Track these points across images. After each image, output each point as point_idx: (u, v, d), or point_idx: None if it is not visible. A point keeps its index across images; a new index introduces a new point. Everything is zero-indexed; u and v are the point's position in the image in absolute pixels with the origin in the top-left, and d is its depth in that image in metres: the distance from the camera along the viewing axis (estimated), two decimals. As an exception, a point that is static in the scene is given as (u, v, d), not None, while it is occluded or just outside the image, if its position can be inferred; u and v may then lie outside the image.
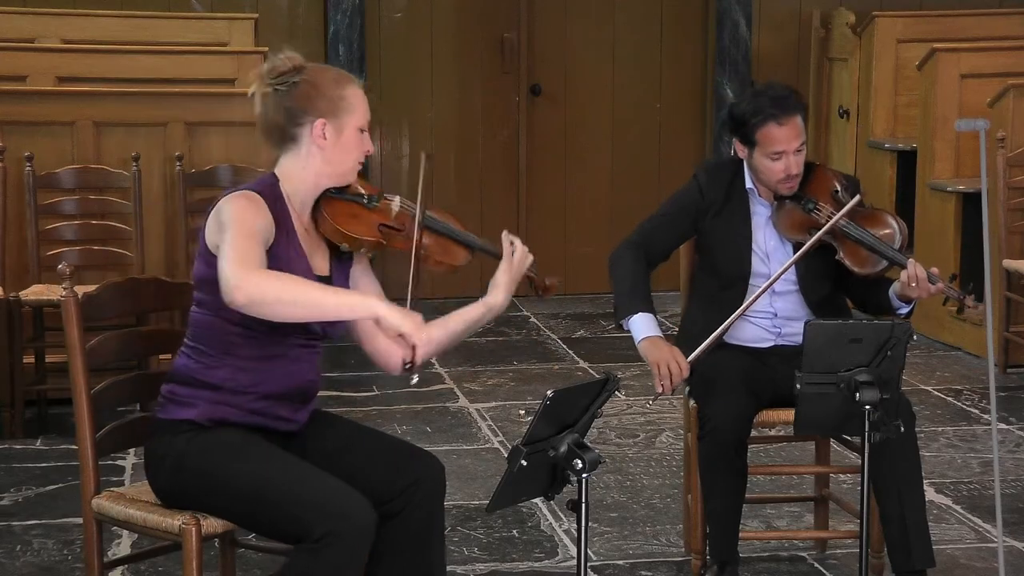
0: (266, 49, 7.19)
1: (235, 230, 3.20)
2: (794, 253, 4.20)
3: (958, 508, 5.01)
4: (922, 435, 5.28)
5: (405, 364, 3.27)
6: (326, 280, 3.38)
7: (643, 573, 4.48)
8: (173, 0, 8.09)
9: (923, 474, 4.11)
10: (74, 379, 3.42)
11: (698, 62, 8.86)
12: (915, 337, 4.30)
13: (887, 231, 4.18)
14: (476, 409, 6.26)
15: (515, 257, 3.53)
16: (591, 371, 6.90)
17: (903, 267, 4.10)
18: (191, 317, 3.37)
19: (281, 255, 3.28)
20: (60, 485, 5.23)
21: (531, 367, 7.01)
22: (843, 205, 4.16)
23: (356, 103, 3.37)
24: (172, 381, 3.36)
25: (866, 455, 3.59)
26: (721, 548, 4.10)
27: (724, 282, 4.25)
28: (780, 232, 4.22)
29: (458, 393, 6.52)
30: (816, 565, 4.52)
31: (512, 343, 7.51)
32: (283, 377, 3.33)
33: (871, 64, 8.18)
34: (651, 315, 4.26)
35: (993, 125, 6.33)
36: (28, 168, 6.09)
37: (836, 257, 4.17)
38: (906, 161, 7.83)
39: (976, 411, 6.20)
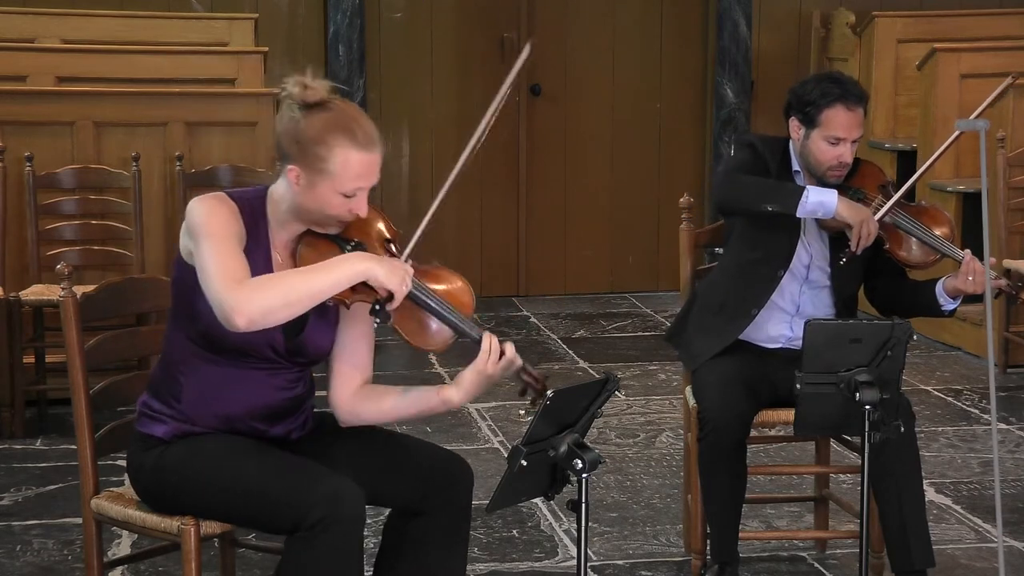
0: (266, 49, 7.21)
1: (209, 238, 3.09)
2: (830, 247, 4.19)
3: (958, 508, 5.01)
4: (922, 435, 5.28)
5: (375, 306, 3.11)
6: (299, 319, 3.18)
7: (643, 573, 4.48)
8: (173, 0, 8.09)
9: (923, 474, 4.12)
10: (74, 379, 3.42)
11: (698, 62, 8.86)
12: (915, 337, 4.29)
13: (940, 226, 4.18)
14: (476, 409, 6.26)
15: (489, 361, 3.23)
16: (591, 371, 6.89)
17: (957, 260, 4.09)
18: (165, 328, 3.33)
19: (252, 269, 3.15)
20: (60, 485, 5.23)
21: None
22: (891, 197, 4.16)
23: (338, 169, 3.11)
24: (147, 392, 3.35)
25: (866, 455, 3.59)
26: (721, 548, 4.10)
27: (765, 254, 4.20)
28: (820, 222, 4.19)
29: (458, 393, 6.51)
30: (816, 565, 4.52)
31: (512, 343, 7.49)
32: (244, 399, 3.27)
33: (871, 64, 8.18)
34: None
35: (993, 125, 6.33)
36: (28, 168, 6.09)
37: (884, 247, 4.16)
38: (906, 161, 7.83)
39: (976, 411, 6.20)
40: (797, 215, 4.08)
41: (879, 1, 8.67)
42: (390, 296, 3.09)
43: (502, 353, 3.25)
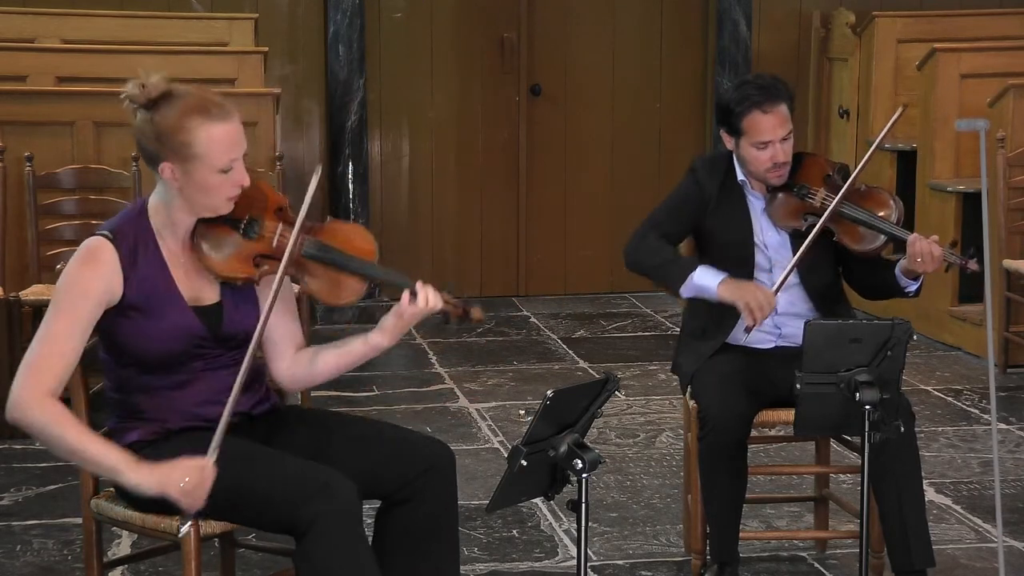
0: (266, 49, 7.21)
1: (52, 312, 3.19)
2: (791, 241, 4.20)
3: (958, 508, 5.01)
4: (922, 435, 5.28)
5: (185, 521, 3.17)
6: (215, 308, 3.29)
7: (643, 573, 4.48)
8: (173, 0, 8.09)
9: (923, 474, 4.12)
10: (74, 379, 3.42)
11: (698, 62, 8.86)
12: (915, 337, 4.29)
13: (883, 208, 4.20)
14: (476, 409, 6.26)
15: (407, 308, 3.26)
16: (591, 371, 6.89)
17: (903, 241, 4.09)
18: (101, 357, 3.37)
19: (146, 293, 3.23)
20: (60, 485, 5.23)
21: (531, 367, 7.01)
22: (838, 188, 4.17)
23: (205, 148, 3.19)
24: (111, 416, 3.38)
25: (866, 455, 3.59)
26: (721, 548, 4.10)
27: (727, 275, 4.22)
28: (775, 222, 4.21)
29: (458, 393, 6.52)
30: (816, 565, 4.52)
31: (512, 343, 7.51)
32: (202, 392, 3.30)
33: (871, 64, 8.18)
34: (708, 266, 4.16)
35: (993, 125, 6.33)
36: (28, 168, 6.09)
37: (834, 239, 4.17)
38: (906, 161, 7.83)
39: (976, 411, 6.20)
40: (682, 296, 4.19)
41: (879, 1, 8.66)
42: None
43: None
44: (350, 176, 8.23)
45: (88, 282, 3.21)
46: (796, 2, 8.86)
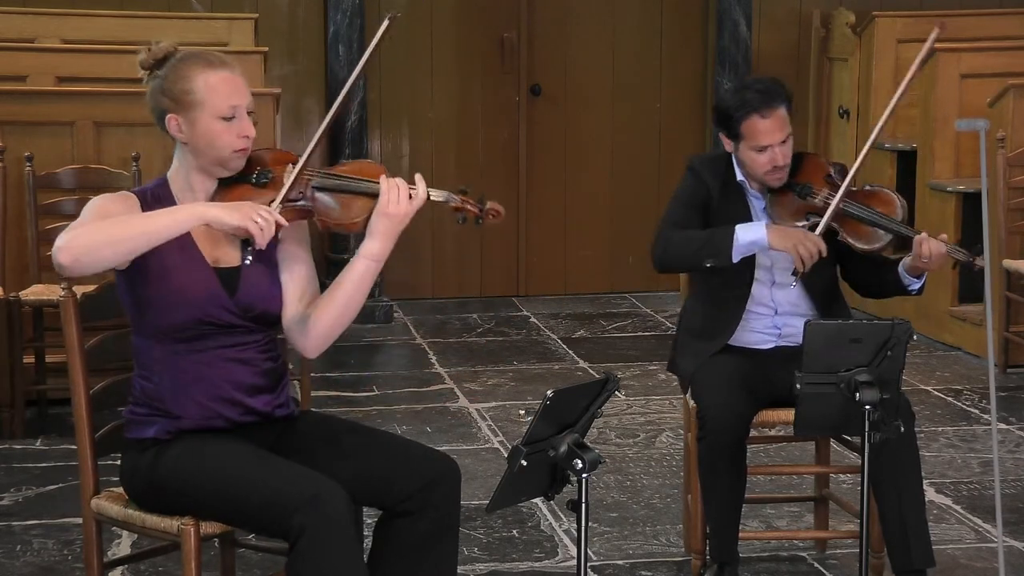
0: (266, 49, 7.21)
1: (83, 217, 3.22)
2: None
3: (958, 508, 5.01)
4: (922, 435, 5.28)
5: (247, 250, 3.24)
6: (234, 272, 3.29)
7: (643, 573, 4.48)
8: (173, 0, 8.09)
9: (923, 474, 4.12)
10: (74, 379, 3.42)
11: (698, 62, 8.86)
12: (915, 337, 4.28)
13: (888, 206, 4.19)
14: (476, 409, 6.26)
15: (387, 200, 3.25)
16: (591, 371, 6.89)
17: (910, 238, 4.09)
18: (131, 340, 3.39)
19: (170, 255, 3.24)
20: (60, 485, 5.23)
21: (531, 367, 7.01)
22: (838, 187, 4.16)
23: (205, 94, 3.25)
24: (131, 402, 3.38)
25: (866, 455, 3.59)
26: (721, 548, 4.10)
27: (728, 277, 4.21)
28: (776, 221, 4.20)
29: (458, 393, 6.52)
30: (816, 565, 4.52)
31: (512, 343, 7.51)
32: (224, 382, 3.30)
33: (871, 64, 8.18)
34: (743, 224, 4.11)
35: (993, 125, 6.33)
36: (28, 168, 6.09)
37: (838, 238, 4.16)
38: (906, 161, 7.83)
39: (976, 411, 6.20)
40: (734, 262, 4.10)
41: (879, 1, 8.67)
42: (249, 235, 3.17)
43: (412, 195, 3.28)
44: (350, 176, 8.23)
45: (109, 203, 3.27)
46: (796, 2, 8.86)
